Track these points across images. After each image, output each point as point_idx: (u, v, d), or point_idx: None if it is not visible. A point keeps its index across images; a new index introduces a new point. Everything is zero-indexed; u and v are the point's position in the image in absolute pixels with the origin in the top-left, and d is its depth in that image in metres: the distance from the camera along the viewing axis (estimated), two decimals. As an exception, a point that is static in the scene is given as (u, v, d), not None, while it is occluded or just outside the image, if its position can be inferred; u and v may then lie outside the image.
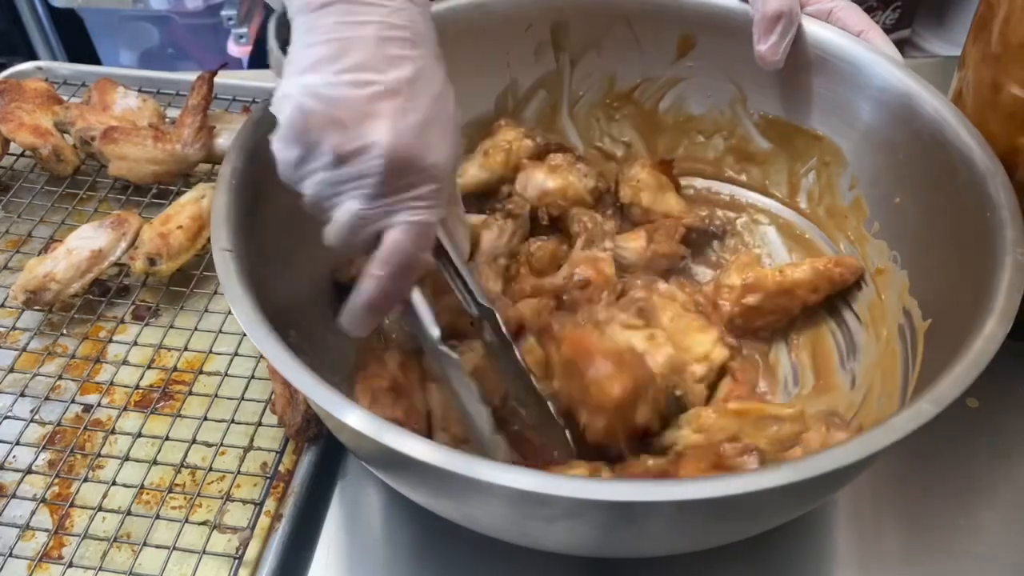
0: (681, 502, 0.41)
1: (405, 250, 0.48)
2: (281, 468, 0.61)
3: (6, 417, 0.64)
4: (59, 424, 0.64)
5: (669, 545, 0.52)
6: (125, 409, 0.65)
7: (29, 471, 0.61)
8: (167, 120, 0.83)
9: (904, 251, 0.64)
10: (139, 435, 0.63)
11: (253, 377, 0.66)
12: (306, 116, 0.45)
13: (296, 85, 0.45)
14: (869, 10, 1.30)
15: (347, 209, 0.46)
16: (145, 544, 0.57)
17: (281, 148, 0.47)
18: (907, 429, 0.43)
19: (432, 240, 0.50)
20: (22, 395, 0.66)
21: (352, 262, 0.64)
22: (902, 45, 1.41)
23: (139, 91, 0.88)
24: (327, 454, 0.62)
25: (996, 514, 0.60)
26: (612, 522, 0.45)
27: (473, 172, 0.72)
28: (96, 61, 1.74)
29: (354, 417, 0.43)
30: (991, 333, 0.47)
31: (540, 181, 0.70)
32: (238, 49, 1.61)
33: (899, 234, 0.65)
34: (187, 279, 0.73)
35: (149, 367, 0.67)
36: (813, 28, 0.67)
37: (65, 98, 0.86)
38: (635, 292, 0.65)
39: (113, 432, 0.63)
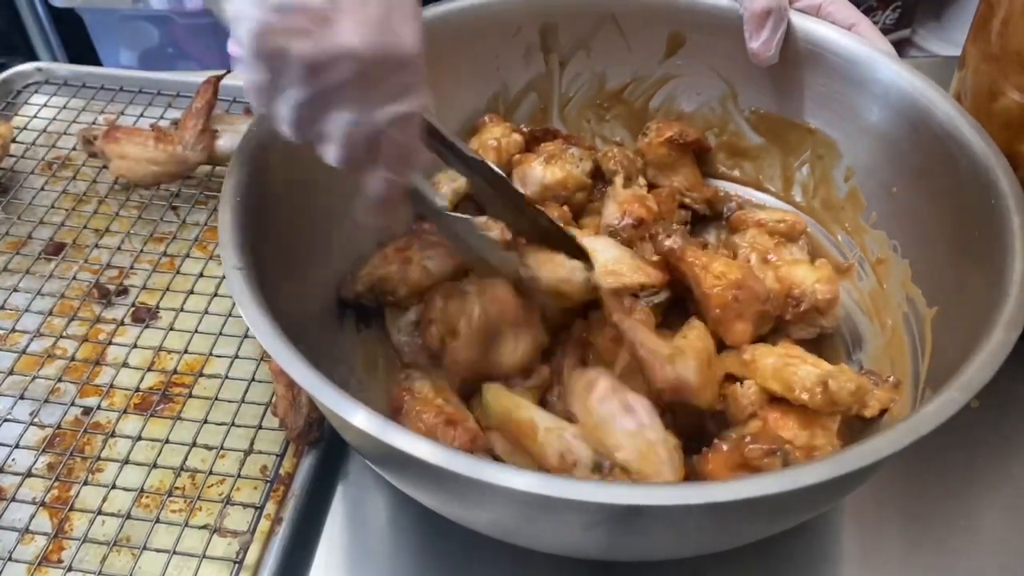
0: (714, 504, 0.40)
1: (403, 144, 0.47)
2: (281, 471, 0.60)
3: (5, 420, 0.64)
4: (59, 427, 0.64)
5: (690, 547, 0.52)
6: (125, 412, 0.64)
7: (29, 474, 0.61)
8: (166, 121, 0.84)
9: (904, 240, 0.65)
10: (139, 438, 0.63)
11: (254, 380, 0.66)
12: (267, 31, 0.42)
13: (247, 3, 0.42)
14: (869, 10, 1.30)
15: (337, 123, 0.45)
16: (145, 548, 0.57)
17: (248, 73, 0.44)
18: (940, 419, 0.43)
19: (422, 124, 0.49)
20: (22, 398, 0.65)
21: (356, 278, 0.64)
22: (902, 45, 1.41)
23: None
24: (327, 457, 0.62)
25: (996, 514, 0.60)
26: (624, 526, 0.45)
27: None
28: (96, 61, 1.74)
29: (360, 418, 0.43)
30: (1010, 320, 0.48)
31: (539, 176, 0.70)
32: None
33: (898, 224, 0.66)
34: (187, 281, 0.73)
35: (149, 369, 0.67)
36: (804, 23, 0.68)
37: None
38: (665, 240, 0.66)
39: (113, 435, 0.63)
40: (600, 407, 0.55)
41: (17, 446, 0.62)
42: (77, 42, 1.73)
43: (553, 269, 0.59)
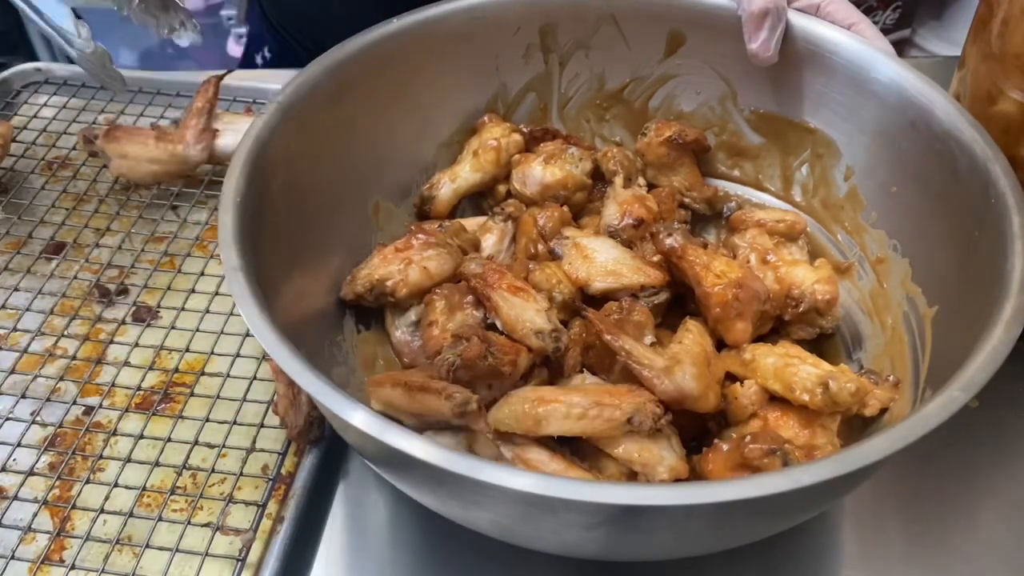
0: (714, 504, 0.40)
1: None
2: (283, 470, 0.61)
3: (7, 419, 0.64)
4: (60, 426, 0.64)
5: (690, 547, 0.52)
6: (126, 411, 0.65)
7: (30, 473, 0.61)
8: (167, 120, 0.84)
9: (904, 239, 0.65)
10: (140, 437, 0.63)
11: (255, 378, 0.66)
12: None
13: None
14: (869, 10, 1.30)
15: None
16: (147, 546, 0.57)
17: None
18: (940, 419, 0.43)
19: None
20: (23, 397, 0.65)
21: (356, 278, 0.64)
22: (902, 45, 1.41)
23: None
24: (329, 456, 0.62)
25: (996, 514, 0.60)
26: (624, 526, 0.45)
27: (465, 175, 0.72)
28: (96, 61, 1.73)
29: (360, 418, 0.43)
30: (1010, 320, 0.48)
31: (539, 176, 0.71)
32: (238, 49, 1.61)
33: (898, 223, 0.66)
34: (188, 280, 0.73)
35: (150, 368, 0.67)
36: (803, 23, 0.67)
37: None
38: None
39: (114, 434, 0.63)
40: None
41: (19, 445, 0.63)
42: (77, 41, 1.72)
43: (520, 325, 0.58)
